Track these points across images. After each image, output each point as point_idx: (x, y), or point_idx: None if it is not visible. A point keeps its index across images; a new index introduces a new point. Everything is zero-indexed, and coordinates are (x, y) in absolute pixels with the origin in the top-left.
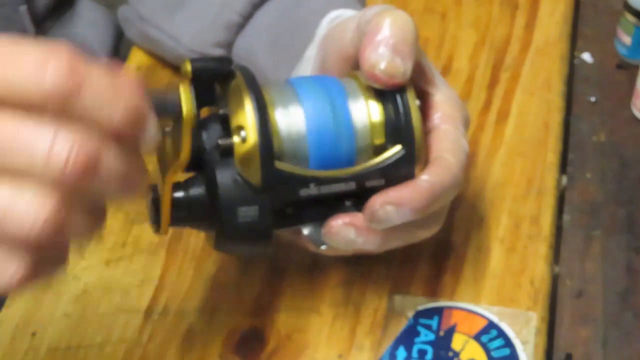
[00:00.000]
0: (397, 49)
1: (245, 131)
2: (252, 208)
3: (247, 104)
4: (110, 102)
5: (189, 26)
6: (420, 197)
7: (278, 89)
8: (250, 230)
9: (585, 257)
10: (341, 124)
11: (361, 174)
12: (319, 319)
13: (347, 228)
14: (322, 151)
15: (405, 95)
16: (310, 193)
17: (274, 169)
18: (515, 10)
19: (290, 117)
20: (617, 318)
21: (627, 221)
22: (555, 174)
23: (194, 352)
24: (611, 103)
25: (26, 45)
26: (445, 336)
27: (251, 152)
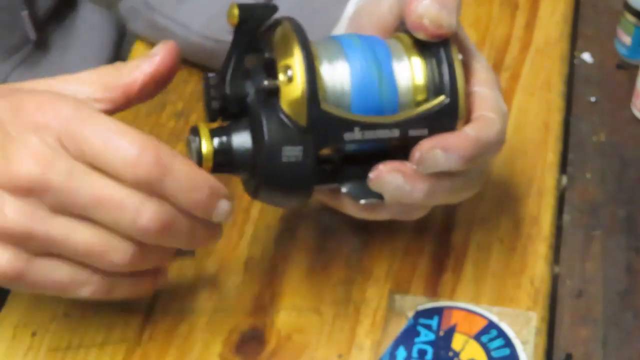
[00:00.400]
0: (443, 2)
1: (292, 70)
2: (296, 148)
3: (294, 44)
4: (187, 190)
5: (200, 13)
6: (467, 145)
7: (323, 44)
8: (293, 172)
9: (585, 257)
10: (385, 82)
11: (405, 121)
12: (319, 319)
13: (395, 173)
14: (365, 106)
15: (449, 48)
16: (354, 137)
17: (320, 109)
18: (515, 10)
19: (335, 71)
20: (617, 318)
21: (627, 221)
22: (555, 174)
23: (194, 352)
24: (611, 103)
25: (126, 132)
26: (445, 336)
27: (298, 90)
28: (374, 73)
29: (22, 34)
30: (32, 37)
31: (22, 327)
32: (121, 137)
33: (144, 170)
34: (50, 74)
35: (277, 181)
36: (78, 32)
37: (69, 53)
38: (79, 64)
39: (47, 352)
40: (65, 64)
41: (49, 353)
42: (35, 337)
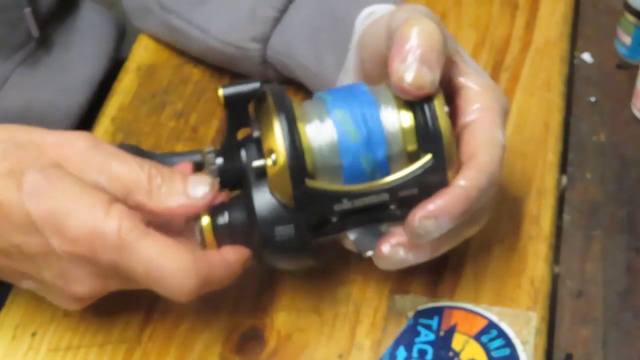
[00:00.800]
0: (424, 59)
1: (275, 154)
2: (288, 227)
3: (275, 127)
4: (223, 282)
5: (219, 18)
6: (457, 204)
7: (309, 104)
8: (289, 248)
9: (585, 257)
10: (372, 134)
11: (393, 185)
12: (319, 319)
13: (395, 249)
14: (355, 162)
15: (433, 103)
16: (344, 207)
17: (306, 188)
18: (515, 10)
19: (320, 131)
20: (617, 318)
21: (627, 221)
22: (555, 174)
23: (194, 352)
24: (611, 103)
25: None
26: (446, 336)
27: (282, 174)
28: (359, 125)
29: (25, 32)
30: (35, 34)
31: (22, 328)
32: (164, 270)
33: (187, 294)
34: (52, 72)
35: (275, 256)
36: (79, 31)
37: (71, 52)
38: (81, 62)
39: (47, 352)
40: (66, 62)
41: (48, 353)
42: (35, 337)
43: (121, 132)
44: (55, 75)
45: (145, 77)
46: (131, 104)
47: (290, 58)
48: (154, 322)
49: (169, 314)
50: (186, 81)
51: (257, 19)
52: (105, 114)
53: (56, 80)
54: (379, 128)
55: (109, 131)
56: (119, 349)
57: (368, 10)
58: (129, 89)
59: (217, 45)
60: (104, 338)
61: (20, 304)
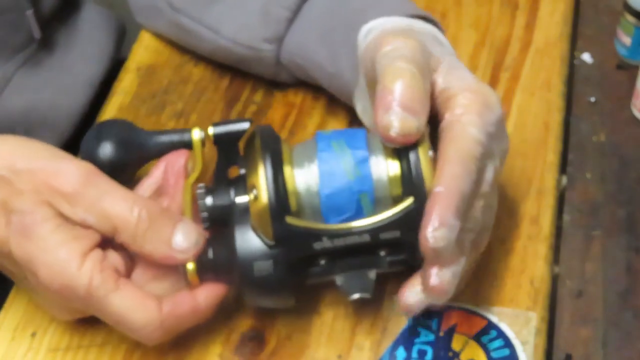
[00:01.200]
0: (407, 107)
1: (257, 190)
2: (267, 263)
3: (259, 165)
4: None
5: (230, 18)
6: (450, 200)
7: (301, 147)
8: (267, 284)
9: (585, 257)
10: (358, 179)
11: (374, 227)
12: (319, 319)
13: (415, 296)
14: (335, 205)
15: (417, 150)
16: (324, 246)
17: (285, 225)
18: (515, 10)
19: (305, 173)
20: (617, 318)
21: (627, 221)
22: (555, 174)
23: (194, 352)
24: (611, 103)
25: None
26: (445, 336)
27: (262, 210)
28: (342, 171)
29: (27, 33)
30: (37, 36)
31: (22, 328)
32: (131, 324)
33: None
34: (53, 73)
35: (255, 292)
36: (80, 32)
37: (72, 53)
38: (82, 63)
39: (47, 352)
40: (67, 63)
41: (48, 353)
42: (34, 337)
43: None
44: (56, 76)
45: (145, 77)
46: (131, 104)
47: (305, 59)
48: None
49: None
50: (186, 81)
51: (269, 20)
52: (105, 114)
53: (57, 81)
54: (367, 174)
55: None
56: (119, 349)
57: (367, 28)
58: (129, 89)
59: (229, 46)
60: (104, 338)
61: (20, 305)
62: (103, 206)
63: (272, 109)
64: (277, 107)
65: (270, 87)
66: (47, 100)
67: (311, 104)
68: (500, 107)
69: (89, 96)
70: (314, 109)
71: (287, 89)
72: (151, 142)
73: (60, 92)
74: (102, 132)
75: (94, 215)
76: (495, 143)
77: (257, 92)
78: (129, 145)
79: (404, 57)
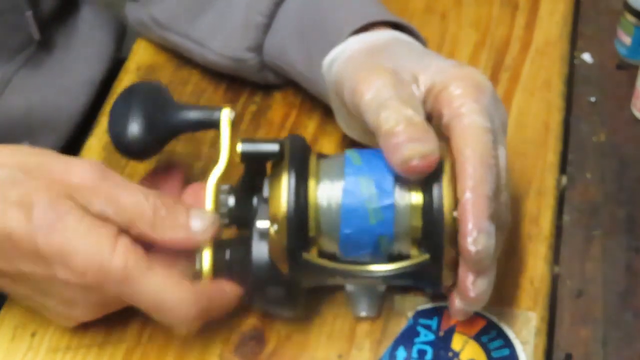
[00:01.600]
0: (413, 139)
1: (278, 226)
2: (280, 289)
3: (281, 197)
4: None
5: (215, 31)
6: (481, 204)
7: (330, 161)
8: (278, 305)
9: (585, 257)
10: (380, 223)
11: (387, 275)
12: (319, 319)
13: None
14: (353, 242)
15: (441, 210)
16: (336, 283)
17: (301, 261)
18: (515, 10)
19: (329, 192)
20: (617, 318)
21: (627, 221)
22: (555, 174)
23: (194, 352)
24: (611, 103)
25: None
26: (445, 336)
27: (279, 248)
28: (365, 194)
29: (26, 34)
30: (36, 37)
31: (22, 328)
32: (167, 303)
33: (188, 325)
34: (53, 73)
35: (262, 307)
36: (80, 32)
37: (72, 53)
38: (82, 63)
39: (47, 352)
40: (67, 63)
41: (48, 353)
42: (34, 337)
43: None
44: (56, 77)
45: (145, 77)
46: None
47: (284, 62)
48: (154, 322)
49: None
50: (186, 81)
51: (249, 28)
52: (105, 114)
53: (58, 81)
54: (389, 219)
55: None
56: (119, 349)
57: (329, 58)
58: None
59: (215, 58)
60: (104, 338)
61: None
62: (120, 198)
63: (272, 109)
64: (277, 107)
65: (270, 87)
66: (47, 101)
67: (311, 104)
68: (488, 81)
69: (89, 96)
70: (314, 109)
71: (287, 89)
72: (177, 119)
73: (60, 93)
74: (130, 107)
75: (112, 206)
76: (497, 119)
77: (257, 92)
78: (155, 124)
79: (389, 100)
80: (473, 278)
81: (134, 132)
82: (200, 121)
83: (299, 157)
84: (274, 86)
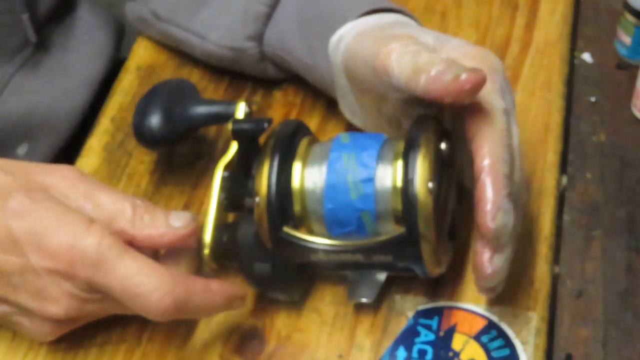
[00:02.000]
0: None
1: (259, 197)
2: (266, 265)
3: (263, 174)
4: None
5: (216, 22)
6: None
7: (319, 148)
8: (267, 283)
9: (585, 257)
10: (361, 197)
11: (366, 248)
12: (319, 319)
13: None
14: (337, 219)
15: (415, 182)
16: (319, 259)
17: (282, 234)
18: (515, 10)
19: (314, 181)
20: (617, 318)
21: (627, 221)
22: (555, 174)
23: (194, 352)
24: (611, 103)
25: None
26: (445, 336)
27: (261, 218)
28: (347, 178)
29: (23, 36)
30: (33, 39)
31: None
32: (141, 287)
33: (163, 314)
34: (52, 74)
35: (257, 287)
36: (78, 33)
37: (70, 54)
38: (80, 64)
39: (47, 352)
40: (66, 64)
41: (49, 353)
42: None
43: (121, 132)
44: (55, 77)
45: (145, 77)
46: (131, 104)
47: (285, 51)
48: (154, 322)
49: None
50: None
51: (249, 18)
52: (105, 114)
53: (56, 82)
54: (369, 194)
55: (109, 131)
56: (119, 349)
57: (337, 36)
58: (129, 89)
59: (216, 50)
60: (104, 338)
61: None
62: (98, 196)
63: (272, 109)
64: (277, 107)
65: (270, 87)
66: (46, 102)
67: (311, 104)
68: (500, 62)
69: (88, 97)
70: (314, 109)
71: (287, 89)
72: (194, 112)
73: (59, 94)
74: (151, 100)
75: (90, 203)
76: (509, 99)
77: (257, 92)
78: (172, 115)
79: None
80: (489, 255)
81: (151, 122)
82: (217, 114)
83: (285, 134)
84: (274, 83)
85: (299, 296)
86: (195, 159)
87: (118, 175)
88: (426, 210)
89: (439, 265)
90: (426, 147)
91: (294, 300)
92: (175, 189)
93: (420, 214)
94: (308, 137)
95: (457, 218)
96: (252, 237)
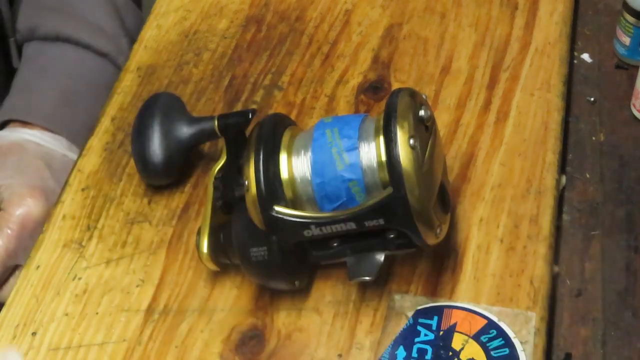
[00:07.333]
0: None
1: (248, 182)
2: (261, 249)
3: (250, 157)
4: None
5: None
6: None
7: (303, 134)
8: (264, 268)
9: (584, 257)
10: (347, 167)
11: (356, 214)
12: (319, 318)
13: None
14: (327, 193)
15: (397, 141)
16: (313, 233)
17: (273, 214)
18: (515, 10)
19: (300, 162)
20: (616, 318)
21: (626, 221)
22: (554, 174)
23: (194, 352)
24: (610, 103)
25: None
26: (445, 336)
27: (252, 200)
28: (333, 159)
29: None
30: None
31: (22, 327)
32: None
33: None
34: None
35: (255, 275)
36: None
37: None
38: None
39: (47, 351)
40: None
41: (49, 353)
42: (35, 336)
43: (121, 132)
44: None
45: (145, 77)
46: (131, 104)
47: None
48: (154, 322)
49: (169, 314)
50: (186, 81)
51: None
52: (105, 114)
53: None
54: (355, 163)
55: (109, 131)
56: (119, 349)
57: None
58: (129, 89)
59: None
60: (104, 338)
61: (21, 304)
62: None
63: (272, 109)
64: (277, 107)
65: (270, 87)
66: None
67: (311, 104)
68: None
69: None
70: (314, 109)
71: (287, 89)
72: (185, 135)
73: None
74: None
75: None
76: None
77: (257, 92)
78: (169, 155)
79: None
80: None
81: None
82: (206, 130)
83: (272, 120)
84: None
85: (303, 284)
86: (196, 158)
87: (118, 175)
88: (410, 165)
89: (431, 228)
90: (405, 110)
91: (299, 288)
92: (175, 189)
93: (404, 171)
94: (291, 127)
95: (454, 217)
96: (246, 223)
